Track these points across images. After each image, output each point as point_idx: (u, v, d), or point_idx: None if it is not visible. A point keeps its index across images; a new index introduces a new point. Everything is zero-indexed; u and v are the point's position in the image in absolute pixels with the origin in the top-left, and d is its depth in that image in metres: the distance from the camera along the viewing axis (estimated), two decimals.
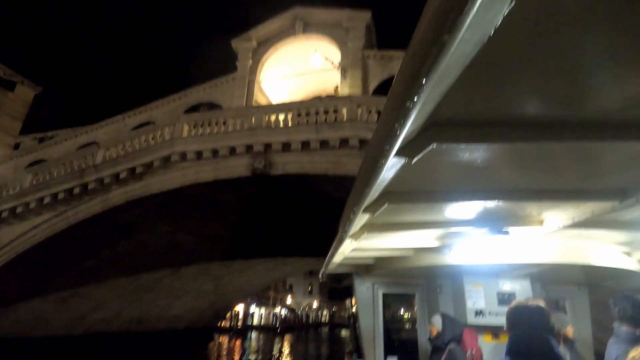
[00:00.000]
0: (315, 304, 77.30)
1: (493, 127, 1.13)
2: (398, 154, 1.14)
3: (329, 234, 3.51)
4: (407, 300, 6.70)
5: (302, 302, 78.56)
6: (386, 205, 1.85)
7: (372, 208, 1.91)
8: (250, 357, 25.12)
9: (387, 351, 4.84)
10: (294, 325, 52.12)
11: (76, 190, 13.01)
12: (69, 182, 12.97)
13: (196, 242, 18.63)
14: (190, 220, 16.25)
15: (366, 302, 4.93)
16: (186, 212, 15.62)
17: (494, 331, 3.95)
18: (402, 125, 0.95)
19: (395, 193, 1.81)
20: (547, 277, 3.89)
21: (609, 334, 2.29)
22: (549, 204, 1.96)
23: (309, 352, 28.52)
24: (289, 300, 73.16)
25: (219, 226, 18.26)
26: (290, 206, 14.60)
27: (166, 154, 12.34)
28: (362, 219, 2.15)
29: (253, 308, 58.26)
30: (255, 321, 53.60)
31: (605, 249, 2.89)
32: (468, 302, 3.96)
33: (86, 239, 14.30)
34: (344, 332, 53.72)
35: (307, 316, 60.56)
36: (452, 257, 3.35)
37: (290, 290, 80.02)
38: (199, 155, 12.16)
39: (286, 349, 29.40)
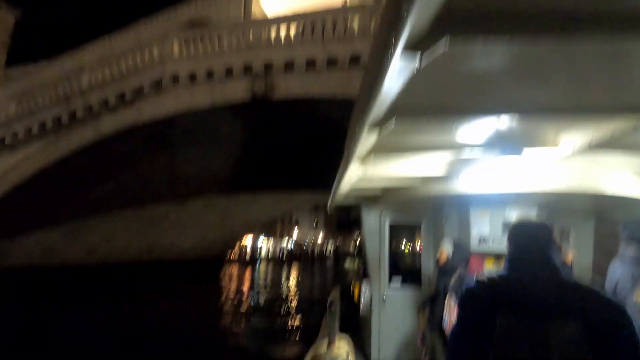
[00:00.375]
0: (320, 238, 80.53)
1: (513, 21, 1.03)
2: (406, 49, 1.04)
3: (336, 165, 3.37)
4: (413, 229, 6.84)
5: (307, 235, 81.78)
6: (394, 120, 1.73)
7: (379, 124, 1.80)
8: (259, 283, 26.38)
9: (392, 274, 5.02)
10: (300, 257, 54.61)
11: (64, 119, 12.11)
12: (55, 109, 11.99)
13: (198, 176, 18.17)
14: (189, 152, 15.52)
15: (373, 231, 4.99)
16: (185, 144, 14.83)
17: (496, 258, 4.01)
18: (409, 10, 0.88)
19: (404, 108, 1.69)
20: (555, 206, 3.85)
21: (607, 265, 2.36)
22: (567, 122, 1.88)
23: (315, 280, 29.87)
24: (295, 233, 76.17)
25: (220, 158, 17.59)
26: (294, 136, 13.67)
27: (156, 76, 11.13)
28: (369, 137, 2.03)
29: (261, 241, 60.87)
30: (263, 253, 56.15)
31: (619, 177, 2.80)
32: (473, 230, 4.01)
33: (82, 171, 13.77)
34: (348, 264, 56.37)
35: (313, 249, 63.21)
36: (460, 186, 3.29)
37: (296, 224, 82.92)
38: (192, 77, 10.93)
39: (293, 277, 30.92)
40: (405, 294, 4.92)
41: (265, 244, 59.95)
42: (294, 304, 18.70)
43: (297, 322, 13.44)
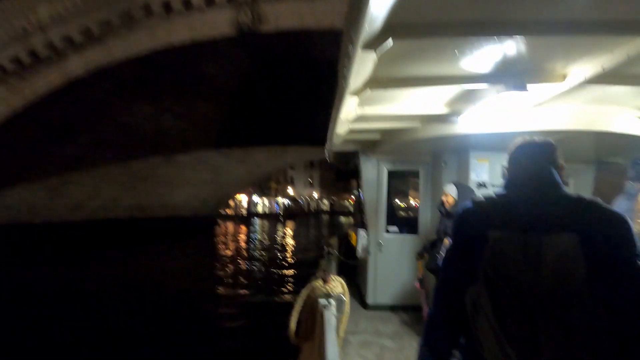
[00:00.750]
0: (315, 194, 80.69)
1: None
2: None
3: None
4: (411, 176, 6.72)
5: (303, 192, 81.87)
6: (390, 41, 1.57)
7: (373, 45, 1.62)
8: (256, 238, 26.24)
9: (389, 222, 4.99)
10: (296, 213, 54.74)
11: (26, 60, 10.64)
12: (13, 47, 10.47)
13: (186, 127, 16.98)
14: (173, 100, 14.21)
15: (371, 178, 4.94)
16: (169, 91, 13.49)
17: None
18: None
19: (400, 27, 1.54)
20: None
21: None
22: (579, 45, 1.74)
23: (311, 234, 29.85)
24: (290, 191, 76.07)
25: (209, 109, 16.31)
26: (288, 79, 12.36)
27: (124, 6, 9.57)
28: (364, 63, 1.83)
29: (256, 198, 60.70)
30: (260, 209, 56.14)
31: (625, 115, 2.78)
32: (472, 175, 3.93)
33: (54, 121, 12.52)
34: (344, 219, 56.78)
35: (308, 205, 63.34)
36: (460, 127, 3.18)
37: (291, 182, 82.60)
38: (167, 7, 9.42)
39: (289, 232, 30.91)
40: (401, 240, 4.90)
41: (260, 201, 59.94)
42: (290, 257, 18.51)
43: (292, 273, 13.19)
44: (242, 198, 54.06)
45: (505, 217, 1.09)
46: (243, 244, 22.83)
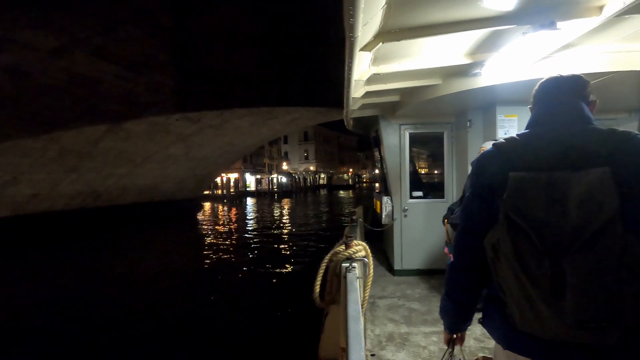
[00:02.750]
0: (312, 168, 76.29)
1: None
2: None
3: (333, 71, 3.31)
4: (434, 139, 5.17)
5: (298, 167, 77.63)
6: None
7: None
8: (248, 220, 21.83)
9: (413, 188, 4.85)
10: (292, 190, 50.34)
11: None
12: None
13: (118, 75, 11.91)
14: (81, 24, 9.12)
15: (392, 143, 4.83)
16: (79, 8, 8.48)
17: None
18: None
19: None
20: (598, 98, 2.08)
21: None
22: None
23: (308, 215, 25.51)
24: (284, 166, 71.48)
25: (144, 39, 11.24)
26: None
27: None
28: (370, 9, 1.69)
29: (249, 176, 56.10)
30: (253, 187, 51.63)
31: None
32: (499, 132, 3.69)
33: None
34: (342, 193, 52.69)
35: (305, 180, 58.89)
36: (483, 79, 2.99)
37: (285, 157, 78.13)
38: None
39: (285, 211, 26.57)
40: (426, 205, 4.78)
41: (253, 178, 55.47)
42: (287, 241, 14.68)
43: (292, 263, 10.54)
44: (232, 177, 49.51)
45: (529, 157, 1.03)
46: (232, 228, 18.49)
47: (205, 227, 20.14)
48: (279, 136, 26.87)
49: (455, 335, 1.28)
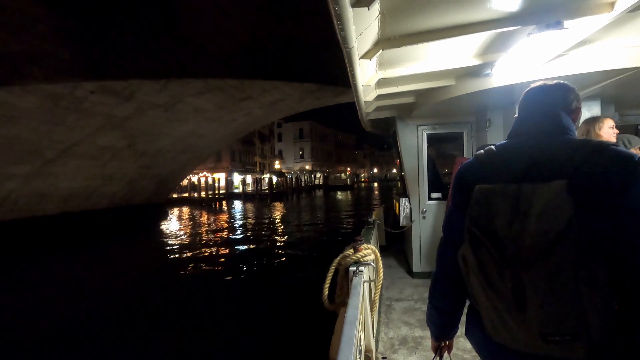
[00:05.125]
0: (308, 167, 71.24)
1: None
2: None
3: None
4: (453, 140, 4.89)
5: (293, 166, 72.62)
6: None
7: None
8: (231, 227, 16.54)
9: (432, 189, 4.73)
10: (285, 191, 44.99)
11: None
12: None
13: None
14: None
15: (410, 144, 4.71)
16: None
17: None
18: None
19: None
20: (622, 95, 3.22)
21: None
22: None
23: (302, 217, 20.24)
24: (277, 165, 66.19)
25: None
26: None
27: None
28: (362, 21, 1.65)
29: (237, 176, 50.69)
30: (240, 189, 46.33)
31: None
32: None
33: None
34: (340, 194, 47.47)
35: (298, 179, 53.51)
36: (498, 79, 2.91)
37: (280, 155, 73.00)
38: None
39: (277, 216, 21.34)
40: (444, 206, 4.51)
41: (240, 178, 50.10)
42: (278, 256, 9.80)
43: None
44: (219, 177, 44.09)
45: (501, 168, 1.03)
46: (205, 239, 13.15)
47: (169, 239, 14.78)
48: (263, 124, 21.58)
49: (442, 343, 1.28)
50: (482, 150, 1.12)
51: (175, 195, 35.85)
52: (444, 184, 5.02)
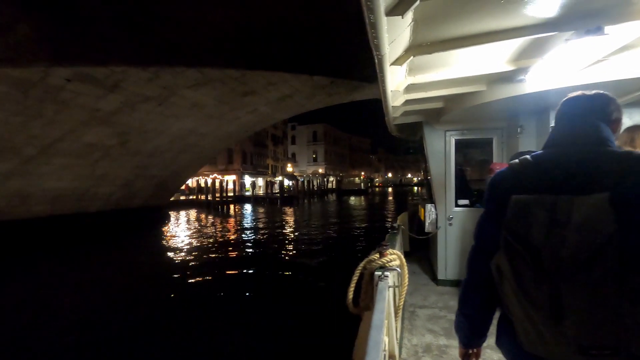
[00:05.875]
0: (321, 171, 69.78)
1: None
2: None
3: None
4: (482, 146, 4.78)
5: (306, 169, 71.28)
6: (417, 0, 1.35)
7: (399, 8, 1.41)
8: (236, 232, 15.03)
9: (460, 195, 4.60)
10: (297, 195, 43.44)
11: None
12: None
13: None
14: None
15: (437, 150, 4.58)
16: None
17: None
18: None
19: None
20: None
21: None
22: None
23: (312, 221, 18.57)
24: (289, 168, 64.87)
25: None
26: None
27: None
28: (395, 29, 1.66)
29: (248, 178, 49.54)
30: (250, 192, 45.04)
31: None
32: None
33: None
34: (353, 199, 45.62)
35: (310, 183, 51.81)
36: (532, 84, 2.81)
37: (293, 158, 71.77)
38: None
39: (289, 220, 19.75)
40: (474, 214, 4.50)
41: (251, 181, 48.86)
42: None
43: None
44: (229, 179, 42.98)
45: (537, 179, 1.01)
46: (211, 244, 11.52)
47: (170, 243, 13.33)
48: (270, 123, 20.02)
49: (470, 351, 1.27)
50: (517, 160, 1.09)
51: (183, 198, 34.77)
52: (472, 190, 4.84)
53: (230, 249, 12.80)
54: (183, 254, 11.99)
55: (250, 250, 12.77)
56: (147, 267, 10.50)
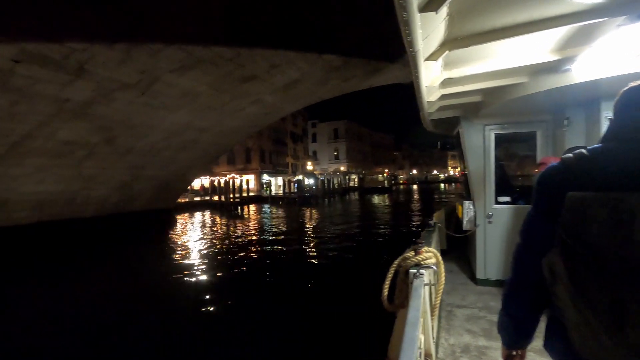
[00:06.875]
0: (342, 169, 67.59)
1: None
2: None
3: None
4: (524, 140, 4.40)
5: (327, 167, 69.29)
6: None
7: (432, 4, 1.40)
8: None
9: (500, 192, 4.43)
10: (315, 194, 41.32)
11: None
12: None
13: None
14: None
15: (476, 145, 4.41)
16: None
17: None
18: None
19: None
20: None
21: None
22: None
23: (334, 221, 16.43)
24: (309, 166, 62.96)
25: None
26: None
27: None
28: (429, 25, 1.63)
29: (267, 177, 48.05)
30: (274, 191, 43.42)
31: None
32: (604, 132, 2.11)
33: None
34: (377, 198, 43.01)
35: (329, 182, 49.55)
36: (581, 74, 2.65)
37: (314, 156, 69.94)
38: None
39: (308, 223, 17.71)
40: (515, 211, 4.31)
41: (272, 180, 47.27)
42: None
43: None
44: (248, 179, 41.55)
45: (597, 175, 0.93)
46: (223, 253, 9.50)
47: (163, 253, 11.51)
48: (281, 116, 18.03)
49: (514, 352, 1.21)
50: (571, 154, 1.00)
51: (198, 199, 33.52)
52: (514, 187, 4.69)
53: (230, 258, 10.81)
54: (179, 261, 10.09)
55: (253, 256, 10.72)
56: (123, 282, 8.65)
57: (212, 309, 6.97)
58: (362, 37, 10.46)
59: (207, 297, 7.61)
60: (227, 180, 30.99)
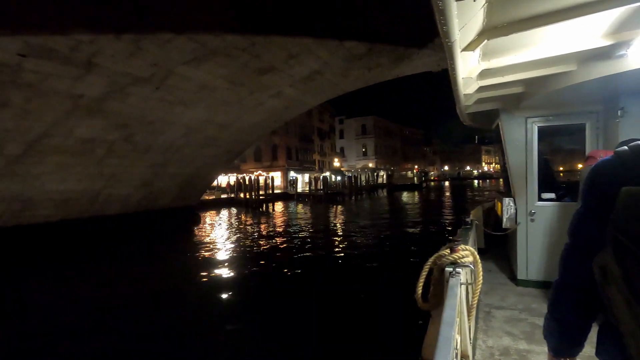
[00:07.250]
0: (371, 165, 66.17)
1: None
2: None
3: None
4: (572, 133, 4.10)
5: (355, 164, 68.15)
6: None
7: None
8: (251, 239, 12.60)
9: (544, 188, 4.23)
10: (342, 191, 40.46)
11: None
12: None
13: None
14: None
15: (517, 138, 4.21)
16: None
17: None
18: None
19: None
20: None
21: None
22: None
23: (362, 217, 15.64)
24: (336, 163, 62.07)
25: None
26: None
27: None
28: (465, 13, 1.57)
29: (293, 174, 47.77)
30: (300, 188, 43.10)
31: None
32: None
33: None
34: (406, 196, 41.48)
35: (356, 179, 48.44)
36: (637, 59, 2.45)
37: (341, 153, 69.02)
38: None
39: (337, 221, 17.08)
40: (560, 208, 4.10)
41: (295, 178, 46.91)
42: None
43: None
44: (274, 176, 41.50)
45: None
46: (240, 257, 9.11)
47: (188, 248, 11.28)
48: (302, 110, 17.30)
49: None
50: (626, 147, 0.93)
51: (224, 196, 33.72)
52: (559, 183, 4.52)
53: (256, 255, 10.27)
54: (203, 258, 9.68)
55: (279, 255, 10.12)
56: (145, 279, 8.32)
57: (241, 307, 6.95)
58: (387, 20, 9.48)
59: (236, 294, 7.59)
60: (251, 177, 30.82)
